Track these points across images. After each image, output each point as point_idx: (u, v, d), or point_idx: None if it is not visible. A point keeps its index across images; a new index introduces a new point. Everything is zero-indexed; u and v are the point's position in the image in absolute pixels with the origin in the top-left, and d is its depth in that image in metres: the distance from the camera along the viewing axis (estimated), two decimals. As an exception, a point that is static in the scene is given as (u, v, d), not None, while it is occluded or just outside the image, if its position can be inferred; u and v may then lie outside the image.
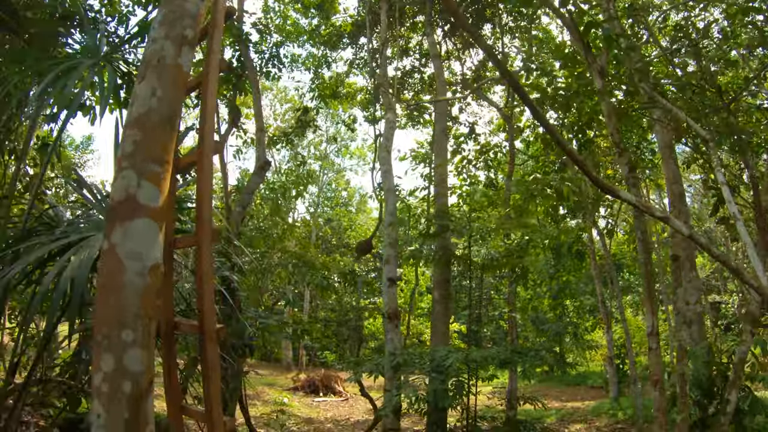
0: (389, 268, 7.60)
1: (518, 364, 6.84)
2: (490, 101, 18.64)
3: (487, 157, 16.12)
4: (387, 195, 8.21)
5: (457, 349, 7.12)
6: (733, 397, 4.59)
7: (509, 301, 14.23)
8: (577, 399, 21.51)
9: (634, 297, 31.48)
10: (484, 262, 9.36)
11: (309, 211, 40.17)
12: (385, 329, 7.51)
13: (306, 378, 22.68)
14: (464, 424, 7.83)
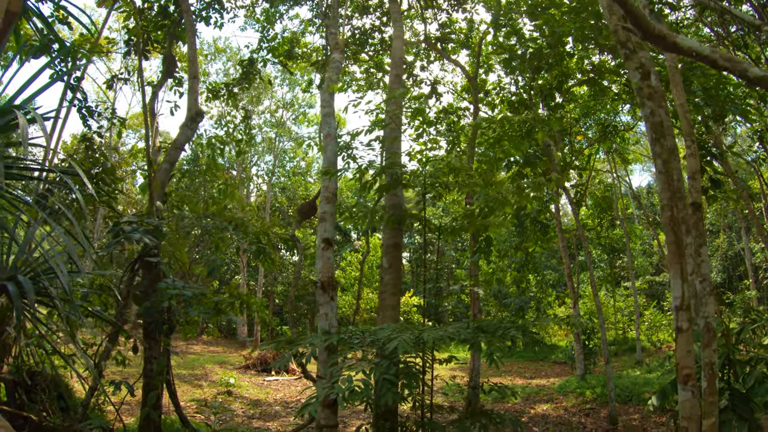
0: (325, 226, 6.32)
1: (483, 343, 5.55)
2: (455, 61, 17.59)
3: (450, 119, 15.11)
4: (326, 141, 6.90)
5: (406, 326, 5.76)
6: None
7: (471, 273, 13.46)
8: (542, 376, 21.17)
9: (597, 272, 31.12)
10: (441, 225, 8.11)
11: (264, 179, 38.85)
12: (318, 302, 6.24)
13: (258, 355, 21.61)
14: (418, 415, 6.69)
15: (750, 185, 28.06)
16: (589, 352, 20.17)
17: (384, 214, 7.76)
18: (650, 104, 3.73)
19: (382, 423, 6.89)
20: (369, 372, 5.22)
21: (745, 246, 30.64)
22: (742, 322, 6.75)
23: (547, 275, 29.86)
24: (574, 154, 16.56)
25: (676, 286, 3.48)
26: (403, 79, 14.45)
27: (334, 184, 6.80)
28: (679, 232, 3.52)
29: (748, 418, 5.48)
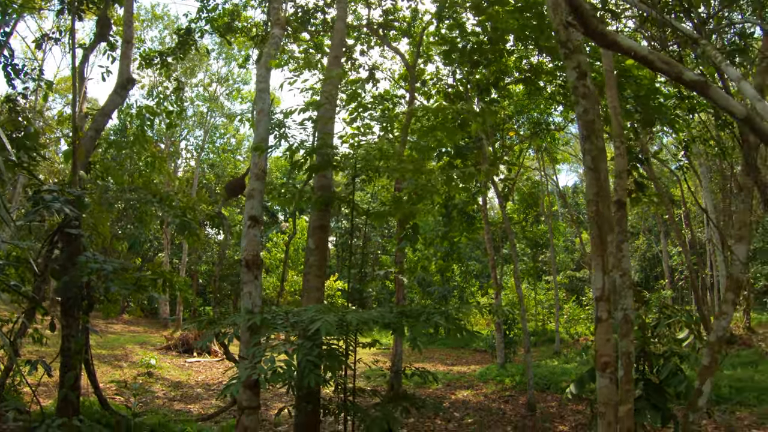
0: (252, 203, 6.22)
1: (405, 328, 5.60)
2: (395, 48, 17.57)
3: (386, 106, 15.11)
4: (259, 117, 6.77)
5: (329, 308, 5.75)
6: (707, 387, 3.59)
7: (397, 260, 13.56)
8: (464, 363, 21.54)
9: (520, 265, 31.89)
10: (369, 208, 8.11)
11: (193, 155, 37.78)
12: (242, 281, 6.15)
13: (180, 336, 21.23)
14: (341, 398, 6.71)
15: (672, 192, 29.27)
16: (510, 342, 20.67)
17: (312, 195, 7.70)
18: (584, 103, 3.82)
19: (305, 405, 6.88)
20: (292, 353, 5.19)
21: (663, 248, 32.10)
22: (658, 318, 7.06)
23: (471, 266, 30.38)
24: (505, 149, 16.85)
25: (598, 278, 3.60)
26: (342, 62, 14.33)
27: (264, 161, 6.69)
28: (603, 227, 3.63)
29: (662, 407, 5.77)
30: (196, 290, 33.20)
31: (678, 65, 2.71)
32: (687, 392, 5.70)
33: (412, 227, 9.73)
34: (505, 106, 16.32)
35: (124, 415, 9.07)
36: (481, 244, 28.68)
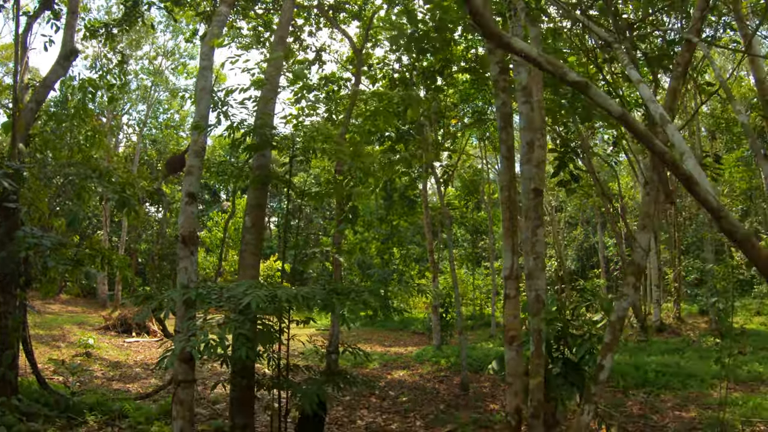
0: (190, 180, 6.32)
1: (336, 305, 5.81)
2: (344, 31, 17.60)
3: (330, 88, 15.20)
4: (201, 95, 6.84)
5: (262, 284, 5.92)
6: (608, 362, 3.93)
7: (335, 241, 13.73)
8: (401, 345, 21.92)
9: (459, 251, 32.49)
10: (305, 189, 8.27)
11: (135, 129, 36.87)
12: (179, 256, 6.27)
13: (119, 316, 21.04)
14: (275, 373, 6.90)
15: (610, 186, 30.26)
16: (446, 325, 21.07)
17: (251, 174, 7.82)
18: (503, 96, 4.09)
19: (239, 380, 7.05)
20: (224, 327, 5.35)
21: (599, 240, 33.10)
22: (578, 301, 7.46)
23: (411, 249, 30.73)
24: (448, 136, 17.12)
25: (507, 258, 3.91)
26: (289, 42, 14.30)
27: (203, 138, 6.77)
28: (514, 211, 3.94)
29: (579, 384, 6.16)
30: (135, 269, 32.73)
31: (562, 67, 2.97)
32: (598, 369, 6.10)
33: (351, 209, 9.91)
34: (449, 94, 16.57)
35: (63, 395, 9.06)
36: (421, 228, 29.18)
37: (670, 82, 4.83)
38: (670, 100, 4.11)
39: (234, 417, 7.23)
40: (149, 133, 37.06)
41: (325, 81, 15.21)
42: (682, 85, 4.78)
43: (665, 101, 4.40)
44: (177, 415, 5.81)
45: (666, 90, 5.77)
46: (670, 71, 6.35)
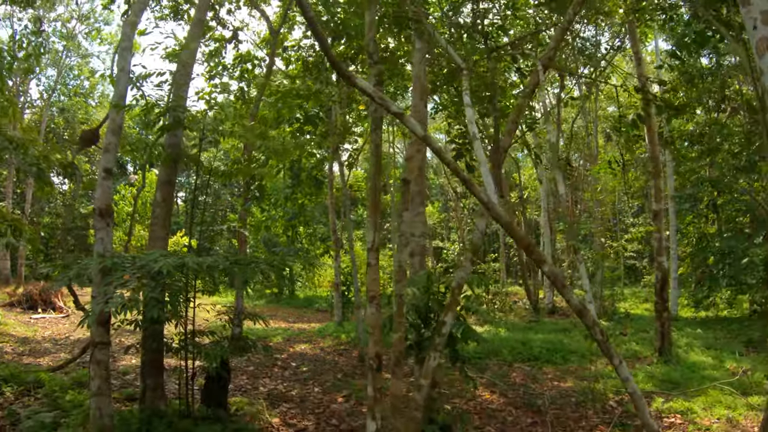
0: (107, 157, 6.69)
1: (238, 274, 6.43)
2: (263, 11, 17.77)
3: (245, 68, 15.45)
4: (120, 75, 7.16)
5: (171, 253, 6.47)
6: (449, 319, 4.71)
7: (241, 217, 14.08)
8: (305, 321, 22.37)
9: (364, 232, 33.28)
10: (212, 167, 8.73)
11: (43, 96, 35.13)
12: (95, 228, 6.67)
13: (24, 292, 20.63)
14: (182, 337, 7.43)
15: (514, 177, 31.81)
16: (348, 302, 21.63)
17: (163, 152, 8.25)
18: (381, 94, 4.79)
19: (150, 343, 7.58)
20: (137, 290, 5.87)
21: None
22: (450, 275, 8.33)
23: (318, 229, 31.20)
24: (357, 121, 17.65)
25: (370, 233, 4.65)
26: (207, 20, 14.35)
27: (121, 117, 7.12)
28: (378, 196, 4.66)
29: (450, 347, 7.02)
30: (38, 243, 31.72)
31: (387, 101, 3.73)
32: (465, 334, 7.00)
33: (258, 187, 10.40)
34: (362, 79, 17.08)
35: (-26, 369, 9.18)
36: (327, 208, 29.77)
37: (519, 100, 5.62)
38: (515, 114, 4.90)
39: (145, 379, 7.75)
40: (58, 100, 35.43)
41: (240, 60, 15.42)
42: (529, 102, 5.56)
43: (511, 115, 5.17)
44: (94, 374, 6.22)
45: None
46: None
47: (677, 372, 11.86)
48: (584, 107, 22.76)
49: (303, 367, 12.77)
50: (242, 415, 8.52)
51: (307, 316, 24.72)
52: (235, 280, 10.10)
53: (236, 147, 15.13)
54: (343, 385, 11.14)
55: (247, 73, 15.23)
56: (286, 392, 10.49)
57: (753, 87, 12.65)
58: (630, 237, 25.59)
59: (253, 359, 12.77)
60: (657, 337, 13.78)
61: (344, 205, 16.97)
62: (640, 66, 14.89)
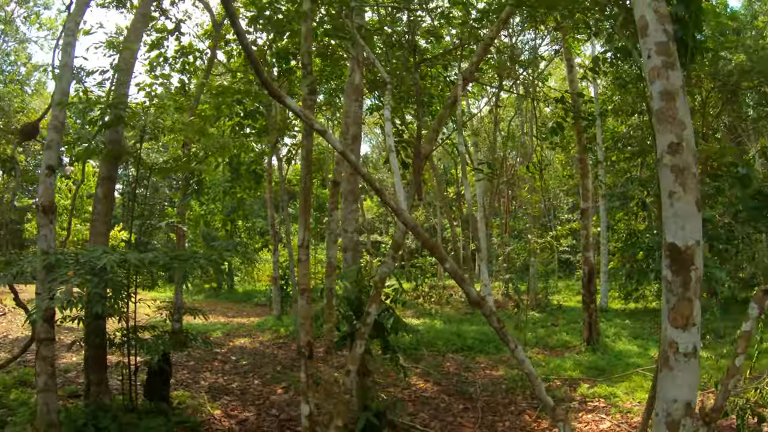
0: (50, 154, 6.69)
1: (178, 269, 6.58)
2: (206, 3, 17.60)
3: (186, 60, 15.35)
4: (63, 71, 7.15)
5: (114, 249, 6.58)
6: (373, 309, 5.00)
7: (179, 212, 14.01)
8: (244, 315, 22.28)
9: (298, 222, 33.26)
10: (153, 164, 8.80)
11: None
12: (39, 224, 6.69)
13: (-44, 291, 19.99)
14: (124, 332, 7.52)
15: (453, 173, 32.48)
16: (287, 296, 21.74)
17: (104, 147, 8.28)
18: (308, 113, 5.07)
19: (93, 339, 7.64)
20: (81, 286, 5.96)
21: (438, 221, 35.36)
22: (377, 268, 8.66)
23: (257, 223, 31.13)
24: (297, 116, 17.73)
25: (300, 231, 4.96)
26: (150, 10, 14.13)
27: (63, 114, 7.12)
28: (308, 198, 4.97)
29: (381, 336, 7.35)
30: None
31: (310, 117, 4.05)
32: (395, 324, 7.34)
33: (197, 181, 10.47)
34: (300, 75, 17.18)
35: None
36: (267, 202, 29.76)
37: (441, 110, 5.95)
38: (436, 123, 5.26)
39: (89, 374, 7.81)
40: (-9, 87, 33.91)
41: (181, 52, 15.29)
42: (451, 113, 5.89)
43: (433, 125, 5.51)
44: (40, 371, 6.25)
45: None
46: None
47: (603, 360, 12.55)
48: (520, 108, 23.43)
49: (243, 360, 12.88)
50: (184, 408, 8.66)
51: (246, 310, 24.65)
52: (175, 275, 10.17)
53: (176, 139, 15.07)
54: (283, 377, 11.33)
55: (189, 65, 15.13)
56: (226, 385, 10.61)
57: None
58: (555, 234, 26.32)
59: (193, 354, 12.82)
60: (585, 327, 14.50)
61: (282, 200, 17.03)
62: (571, 73, 15.58)
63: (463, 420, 8.96)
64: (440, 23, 8.94)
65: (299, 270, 5.06)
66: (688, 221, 3.19)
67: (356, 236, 8.27)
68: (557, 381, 11.11)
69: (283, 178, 17.45)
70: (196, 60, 15.37)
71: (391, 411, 8.04)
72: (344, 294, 7.69)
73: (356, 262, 8.41)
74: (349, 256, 8.57)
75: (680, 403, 3.17)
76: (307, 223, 4.90)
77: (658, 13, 3.43)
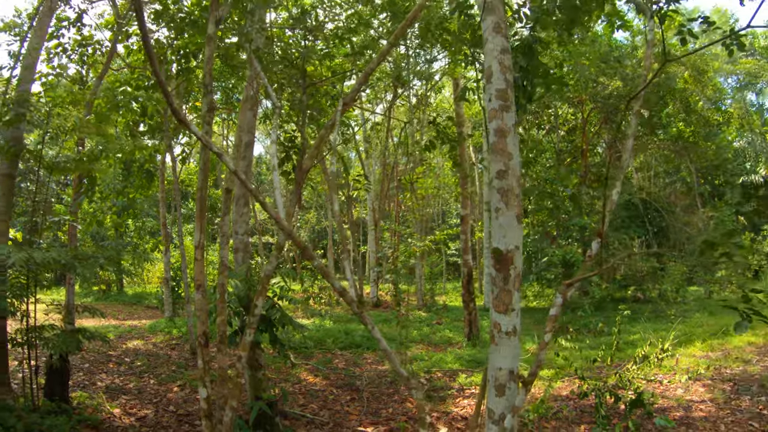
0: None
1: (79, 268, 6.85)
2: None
3: (84, 51, 15.13)
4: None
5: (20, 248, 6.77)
6: (260, 303, 5.53)
7: (72, 211, 13.84)
8: (135, 318, 22.02)
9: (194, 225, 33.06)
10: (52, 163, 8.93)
11: None
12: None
13: None
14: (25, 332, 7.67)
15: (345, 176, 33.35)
16: (178, 297, 21.75)
17: (5, 145, 8.38)
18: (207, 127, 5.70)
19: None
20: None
21: (329, 224, 36.16)
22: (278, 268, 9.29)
23: (147, 222, 30.66)
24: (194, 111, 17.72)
25: (196, 234, 5.56)
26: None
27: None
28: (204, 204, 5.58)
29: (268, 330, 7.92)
30: None
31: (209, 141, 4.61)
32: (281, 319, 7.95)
33: (89, 179, 10.56)
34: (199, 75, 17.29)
35: None
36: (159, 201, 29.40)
37: (321, 131, 6.59)
38: (317, 142, 5.94)
39: (-9, 375, 7.82)
40: None
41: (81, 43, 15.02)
42: (330, 132, 6.54)
43: (314, 143, 6.16)
44: None
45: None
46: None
47: (482, 353, 13.62)
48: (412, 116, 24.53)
49: (137, 361, 12.94)
50: (84, 408, 8.85)
51: (137, 313, 24.32)
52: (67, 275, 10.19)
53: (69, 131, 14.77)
54: (178, 375, 11.65)
55: (88, 57, 14.93)
56: (123, 385, 10.80)
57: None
58: (433, 238, 27.52)
59: (87, 357, 12.90)
60: (465, 324, 15.65)
61: (175, 199, 17.00)
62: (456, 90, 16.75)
63: (350, 409, 9.68)
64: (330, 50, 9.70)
65: (195, 268, 5.61)
66: (510, 231, 4.08)
67: (247, 238, 8.83)
68: (438, 372, 12.11)
69: (176, 177, 17.43)
70: (96, 52, 15.16)
71: (282, 401, 8.67)
72: (235, 291, 8.11)
73: (246, 263, 8.90)
74: (239, 257, 9.00)
75: (504, 371, 4.04)
76: (203, 227, 5.46)
77: (501, 65, 4.29)
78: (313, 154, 6.17)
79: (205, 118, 5.74)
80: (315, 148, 5.79)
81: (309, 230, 42.85)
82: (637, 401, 7.39)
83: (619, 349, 12.33)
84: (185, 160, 18.12)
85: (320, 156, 10.04)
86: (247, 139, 8.92)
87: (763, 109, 39.62)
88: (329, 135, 6.56)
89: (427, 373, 12.01)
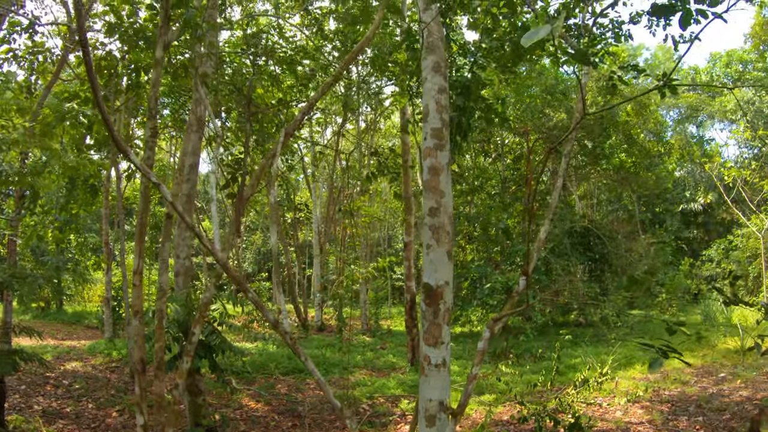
0: None
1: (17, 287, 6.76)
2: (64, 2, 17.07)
3: (34, 59, 14.90)
4: None
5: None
6: (197, 330, 5.60)
7: (12, 224, 13.51)
8: (74, 338, 21.51)
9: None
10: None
11: None
12: None
13: None
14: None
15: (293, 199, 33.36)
16: (119, 318, 21.23)
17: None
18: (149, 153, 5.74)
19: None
20: None
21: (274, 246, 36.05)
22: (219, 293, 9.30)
23: (90, 238, 30.03)
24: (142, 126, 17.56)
25: (136, 259, 5.60)
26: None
27: None
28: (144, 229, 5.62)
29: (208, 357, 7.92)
30: None
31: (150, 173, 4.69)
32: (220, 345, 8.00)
33: (32, 193, 10.39)
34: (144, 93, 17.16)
35: None
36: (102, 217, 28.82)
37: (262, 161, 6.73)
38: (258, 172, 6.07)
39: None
40: None
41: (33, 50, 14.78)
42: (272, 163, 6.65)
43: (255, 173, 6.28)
44: None
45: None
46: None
47: (424, 380, 13.68)
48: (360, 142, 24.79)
49: (76, 384, 12.62)
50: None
51: (76, 332, 23.76)
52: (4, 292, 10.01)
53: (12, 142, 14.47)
54: (117, 400, 11.44)
55: (38, 65, 14.69)
56: (60, 409, 10.59)
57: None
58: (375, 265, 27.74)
59: (23, 378, 12.56)
60: (408, 349, 15.75)
61: (119, 216, 16.74)
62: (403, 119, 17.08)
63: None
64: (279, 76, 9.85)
65: (133, 293, 5.63)
66: (440, 267, 4.21)
67: (188, 262, 8.81)
68: (381, 398, 12.15)
69: (120, 193, 17.17)
70: (46, 59, 14.93)
71: (223, 428, 8.62)
72: (174, 316, 8.07)
73: (187, 287, 8.87)
74: (180, 280, 8.96)
75: (434, 402, 4.16)
76: (141, 253, 5.48)
77: (438, 104, 4.46)
78: (253, 184, 6.25)
79: (148, 143, 5.77)
80: (255, 178, 5.88)
81: (255, 251, 42.47)
82: (575, 425, 7.61)
83: (560, 373, 12.64)
84: (131, 177, 17.83)
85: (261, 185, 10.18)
86: (191, 162, 8.95)
87: (703, 140, 41.28)
88: (270, 166, 6.65)
89: (369, 398, 12.07)
